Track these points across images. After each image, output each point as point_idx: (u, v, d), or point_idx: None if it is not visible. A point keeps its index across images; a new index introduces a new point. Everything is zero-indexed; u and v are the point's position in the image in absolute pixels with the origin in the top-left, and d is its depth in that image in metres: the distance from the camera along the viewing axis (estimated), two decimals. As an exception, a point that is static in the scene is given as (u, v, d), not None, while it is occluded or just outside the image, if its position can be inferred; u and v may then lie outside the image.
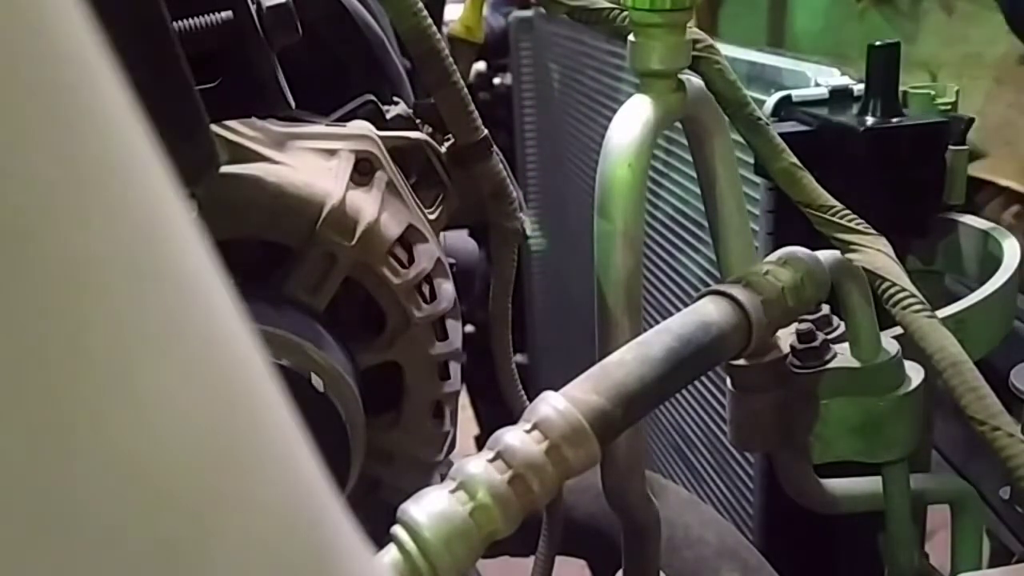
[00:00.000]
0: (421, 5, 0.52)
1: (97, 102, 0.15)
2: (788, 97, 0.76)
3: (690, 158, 0.57)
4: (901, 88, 0.74)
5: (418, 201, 0.55)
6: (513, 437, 0.38)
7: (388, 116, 0.56)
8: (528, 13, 1.46)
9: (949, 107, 0.75)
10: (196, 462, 0.15)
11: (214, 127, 0.46)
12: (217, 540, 0.15)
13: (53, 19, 0.14)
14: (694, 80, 0.53)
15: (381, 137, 0.53)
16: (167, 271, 0.15)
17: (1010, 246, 0.71)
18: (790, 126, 0.74)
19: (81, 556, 0.13)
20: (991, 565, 0.81)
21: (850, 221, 0.53)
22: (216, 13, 0.47)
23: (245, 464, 0.16)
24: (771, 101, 0.76)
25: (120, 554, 0.14)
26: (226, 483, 0.15)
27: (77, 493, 0.13)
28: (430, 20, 0.52)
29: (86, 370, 0.14)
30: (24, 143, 0.13)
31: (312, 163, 0.51)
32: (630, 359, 0.42)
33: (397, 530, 0.35)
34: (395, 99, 0.59)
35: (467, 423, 1.54)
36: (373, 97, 0.56)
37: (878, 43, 0.71)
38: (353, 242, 0.50)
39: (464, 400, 1.36)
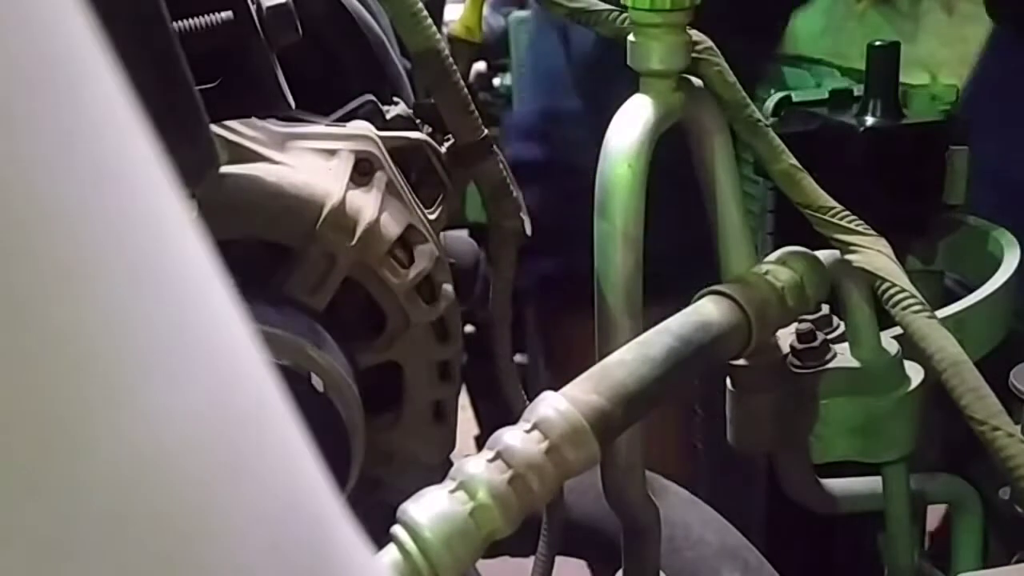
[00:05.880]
0: (421, 5, 0.52)
1: (97, 102, 0.15)
2: (788, 97, 0.76)
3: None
4: (901, 88, 0.74)
5: (418, 201, 0.55)
6: (513, 437, 0.38)
7: (388, 116, 0.56)
8: (528, 13, 1.46)
9: (949, 107, 0.75)
10: (195, 464, 0.15)
11: (214, 127, 0.46)
12: (217, 541, 0.15)
13: (53, 19, 0.14)
14: (694, 80, 0.53)
15: (381, 137, 0.53)
16: (167, 272, 0.15)
17: (1010, 246, 0.71)
18: (790, 127, 0.74)
19: (82, 560, 0.13)
20: (991, 565, 0.80)
21: (850, 222, 0.53)
22: (216, 13, 0.47)
23: (245, 465, 0.16)
24: (771, 101, 0.76)
25: (121, 556, 0.14)
26: (226, 484, 0.15)
27: (75, 497, 0.13)
28: (430, 20, 0.52)
29: (84, 373, 0.14)
30: (22, 143, 0.13)
31: (312, 163, 0.51)
32: (630, 359, 0.42)
33: (397, 530, 0.35)
34: (395, 99, 0.59)
35: (467, 423, 1.54)
36: (373, 97, 0.56)
37: (878, 43, 0.71)
38: (353, 242, 0.50)
39: (464, 400, 1.35)
